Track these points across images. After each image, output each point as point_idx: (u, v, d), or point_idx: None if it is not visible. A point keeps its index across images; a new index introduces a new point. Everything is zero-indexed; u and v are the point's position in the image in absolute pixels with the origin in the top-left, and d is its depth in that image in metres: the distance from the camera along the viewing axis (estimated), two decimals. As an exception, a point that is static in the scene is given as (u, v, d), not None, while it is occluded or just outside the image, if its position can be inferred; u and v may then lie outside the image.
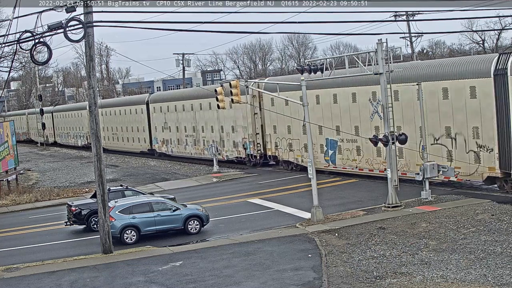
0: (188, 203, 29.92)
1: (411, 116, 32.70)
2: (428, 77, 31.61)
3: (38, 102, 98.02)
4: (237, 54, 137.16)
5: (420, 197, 29.29)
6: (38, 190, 44.20)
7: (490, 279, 17.54)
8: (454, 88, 30.50)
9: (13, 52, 35.22)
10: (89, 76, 24.31)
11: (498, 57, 29.14)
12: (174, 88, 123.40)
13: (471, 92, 29.74)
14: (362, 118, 36.17)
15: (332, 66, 30.89)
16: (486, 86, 29.04)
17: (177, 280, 20.01)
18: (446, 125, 31.17)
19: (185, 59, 77.94)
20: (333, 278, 18.85)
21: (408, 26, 62.32)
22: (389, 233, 23.64)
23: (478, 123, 29.64)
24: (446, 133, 31.26)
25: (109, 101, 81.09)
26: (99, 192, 24.43)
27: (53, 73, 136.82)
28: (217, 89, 31.01)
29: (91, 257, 24.29)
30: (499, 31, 79.69)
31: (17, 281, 21.47)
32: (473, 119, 29.87)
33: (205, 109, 53.02)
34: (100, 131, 25.10)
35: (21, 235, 30.89)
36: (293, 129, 42.28)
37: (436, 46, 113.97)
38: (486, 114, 29.22)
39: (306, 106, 27.85)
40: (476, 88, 29.50)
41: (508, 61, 28.18)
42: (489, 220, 24.24)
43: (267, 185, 39.01)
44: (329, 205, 30.09)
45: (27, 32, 22.17)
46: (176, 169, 52.85)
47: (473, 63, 30.24)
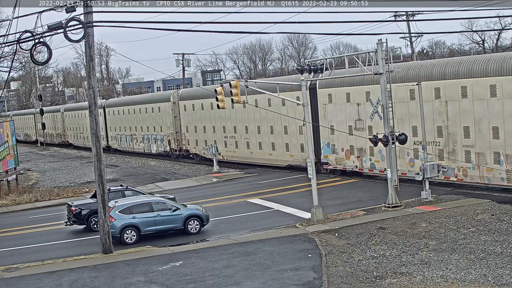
0: (188, 203, 29.92)
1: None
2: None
3: (38, 102, 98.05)
4: (237, 54, 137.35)
5: (420, 197, 29.29)
6: (38, 190, 44.21)
7: (490, 279, 17.54)
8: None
9: (13, 52, 35.26)
10: (89, 76, 24.31)
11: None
12: (173, 88, 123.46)
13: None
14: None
15: (332, 66, 30.90)
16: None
17: (177, 280, 20.02)
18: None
19: (185, 59, 77.90)
20: (333, 278, 18.85)
21: (408, 26, 62.33)
22: (389, 233, 23.64)
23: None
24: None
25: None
26: (99, 192, 24.43)
27: (53, 73, 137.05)
28: (217, 89, 31.02)
29: (91, 257, 24.29)
30: (499, 31, 79.71)
31: (17, 281, 21.47)
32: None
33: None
34: (100, 131, 25.09)
35: (21, 235, 30.89)
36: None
37: (436, 46, 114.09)
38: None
39: (306, 106, 27.91)
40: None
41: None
42: (489, 220, 24.24)
43: (267, 185, 39.02)
44: (329, 205, 30.10)
45: (27, 32, 22.17)
46: (176, 169, 52.86)
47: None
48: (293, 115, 38.04)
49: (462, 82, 30.03)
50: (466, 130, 30.05)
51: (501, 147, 28.52)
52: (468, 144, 30.03)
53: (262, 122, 45.84)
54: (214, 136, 51.92)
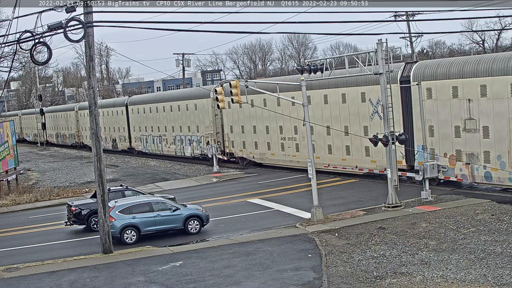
0: (188, 203, 29.92)
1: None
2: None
3: (38, 102, 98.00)
4: (237, 54, 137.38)
5: (420, 197, 29.30)
6: (38, 190, 44.20)
7: (490, 279, 17.54)
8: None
9: (13, 52, 35.29)
10: (89, 76, 24.32)
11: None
12: (174, 88, 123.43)
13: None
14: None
15: (332, 66, 30.90)
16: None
17: (177, 280, 20.02)
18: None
19: (185, 59, 77.95)
20: (333, 278, 18.85)
21: (408, 26, 62.36)
22: (389, 233, 23.65)
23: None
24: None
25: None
26: (99, 192, 24.44)
27: (53, 73, 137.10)
28: (217, 89, 31.07)
29: (91, 257, 24.29)
30: (499, 31, 79.67)
31: (17, 281, 21.47)
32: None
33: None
34: (100, 131, 25.09)
35: (21, 235, 30.89)
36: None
37: (436, 46, 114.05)
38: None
39: (306, 106, 27.90)
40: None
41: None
42: (489, 220, 24.25)
43: (267, 185, 39.02)
44: (329, 205, 30.10)
45: (27, 32, 22.16)
46: (176, 169, 52.84)
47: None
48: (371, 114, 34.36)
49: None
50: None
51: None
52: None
53: (334, 120, 38.43)
54: (267, 138, 45.02)
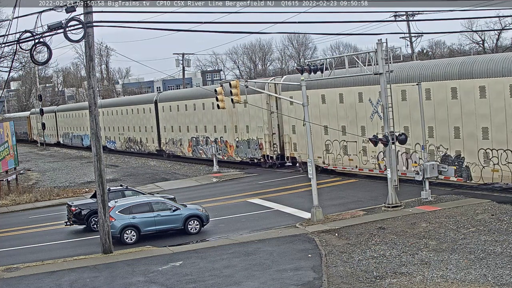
0: (188, 203, 29.92)
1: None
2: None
3: (38, 102, 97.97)
4: (237, 54, 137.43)
5: (420, 197, 29.30)
6: (38, 190, 44.21)
7: (490, 279, 17.54)
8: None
9: (13, 52, 35.26)
10: (89, 76, 24.32)
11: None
12: (173, 88, 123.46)
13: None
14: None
15: (332, 66, 30.89)
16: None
17: (177, 280, 20.02)
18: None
19: (185, 59, 77.93)
20: (333, 278, 18.85)
21: (408, 26, 62.40)
22: (389, 233, 23.64)
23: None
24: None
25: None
26: (99, 192, 24.44)
27: (53, 73, 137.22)
28: (217, 89, 31.07)
29: (91, 257, 24.29)
30: (499, 31, 79.70)
31: (17, 281, 21.47)
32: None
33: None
34: (100, 131, 25.09)
35: (21, 235, 30.89)
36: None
37: (436, 46, 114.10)
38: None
39: (306, 106, 27.91)
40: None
41: None
42: (489, 220, 24.24)
43: (267, 185, 39.02)
44: (329, 205, 30.10)
45: (27, 32, 22.17)
46: (176, 169, 52.84)
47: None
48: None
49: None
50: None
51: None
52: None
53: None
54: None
